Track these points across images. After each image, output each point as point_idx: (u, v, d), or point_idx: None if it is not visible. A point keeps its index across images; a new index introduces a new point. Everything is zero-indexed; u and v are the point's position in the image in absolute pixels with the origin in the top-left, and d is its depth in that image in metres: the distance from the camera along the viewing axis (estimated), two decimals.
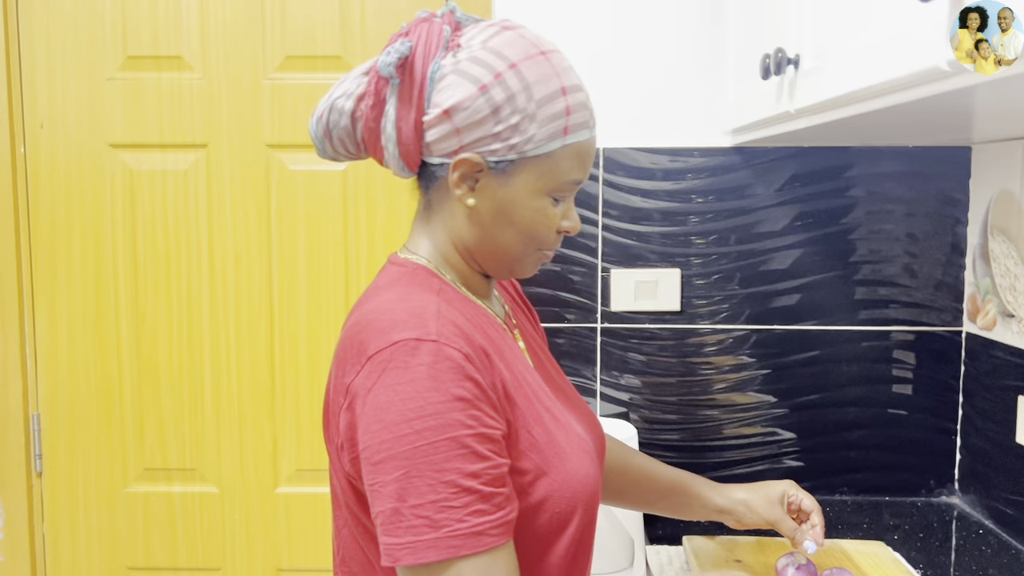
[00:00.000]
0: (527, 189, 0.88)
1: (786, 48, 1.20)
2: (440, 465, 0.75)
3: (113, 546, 1.84)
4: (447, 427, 0.76)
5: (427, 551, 0.75)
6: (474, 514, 0.76)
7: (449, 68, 0.86)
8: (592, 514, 0.91)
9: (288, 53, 1.75)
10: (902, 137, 1.56)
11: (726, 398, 1.72)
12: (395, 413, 0.76)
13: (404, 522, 0.75)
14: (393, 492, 0.76)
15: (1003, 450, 1.51)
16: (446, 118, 0.86)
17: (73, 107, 1.76)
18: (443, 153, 0.88)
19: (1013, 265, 1.48)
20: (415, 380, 0.77)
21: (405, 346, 0.78)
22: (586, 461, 0.90)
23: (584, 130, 0.89)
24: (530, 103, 0.85)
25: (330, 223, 1.78)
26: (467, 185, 0.88)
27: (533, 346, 1.03)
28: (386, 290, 0.88)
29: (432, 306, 0.82)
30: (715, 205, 1.69)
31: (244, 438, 1.82)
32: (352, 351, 0.82)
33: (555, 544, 0.87)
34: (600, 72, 1.68)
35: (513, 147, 0.86)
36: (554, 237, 0.93)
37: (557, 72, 0.88)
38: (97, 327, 1.80)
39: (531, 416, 0.87)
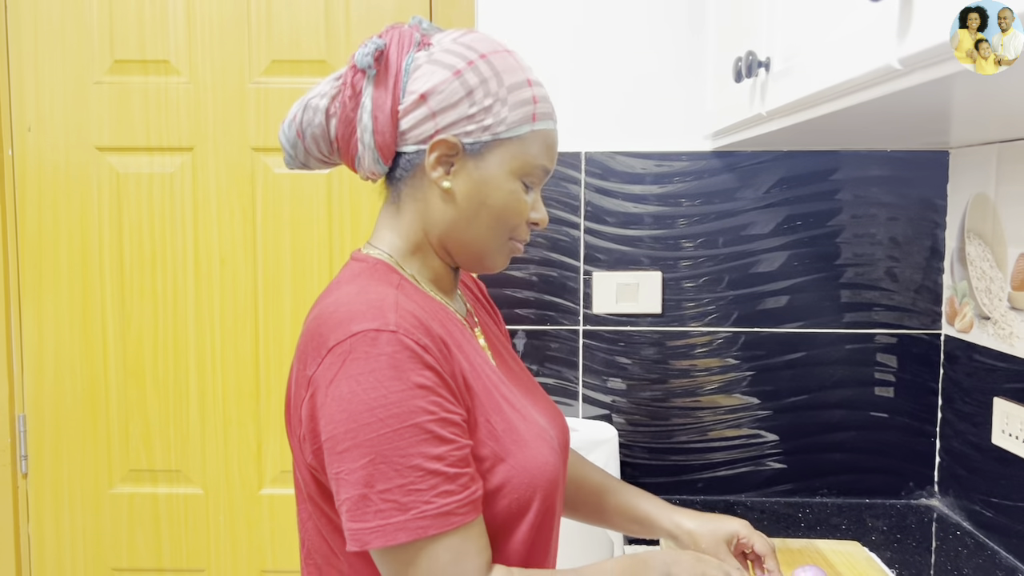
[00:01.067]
0: (500, 170, 0.92)
1: (757, 51, 1.21)
2: (405, 450, 0.78)
3: (98, 547, 1.85)
4: (409, 414, 0.78)
5: (397, 533, 0.77)
6: (441, 495, 0.79)
7: (423, 59, 0.92)
8: (551, 502, 0.92)
9: (274, 57, 1.77)
10: (881, 141, 1.57)
11: (710, 400, 1.73)
12: (358, 403, 0.78)
13: (372, 507, 0.78)
14: (360, 479, 0.78)
15: (980, 452, 1.52)
16: (422, 102, 0.90)
17: (60, 110, 1.78)
18: (418, 139, 0.91)
19: (988, 268, 1.49)
20: (376, 370, 0.79)
21: (365, 337, 0.80)
22: (545, 449, 0.92)
23: (548, 120, 0.95)
24: (501, 88, 0.91)
25: (315, 226, 1.79)
26: (443, 168, 0.92)
27: (495, 344, 1.05)
28: (346, 284, 0.90)
29: (390, 298, 0.85)
30: (701, 208, 1.70)
31: (229, 440, 1.82)
32: (313, 343, 0.84)
33: (515, 530, 0.89)
34: (583, 76, 1.70)
35: (487, 128, 0.90)
36: (524, 226, 0.96)
37: (522, 66, 0.94)
38: (83, 329, 1.81)
39: (490, 405, 0.89)
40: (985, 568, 1.38)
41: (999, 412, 1.45)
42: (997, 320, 1.47)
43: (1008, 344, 1.43)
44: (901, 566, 1.38)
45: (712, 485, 1.74)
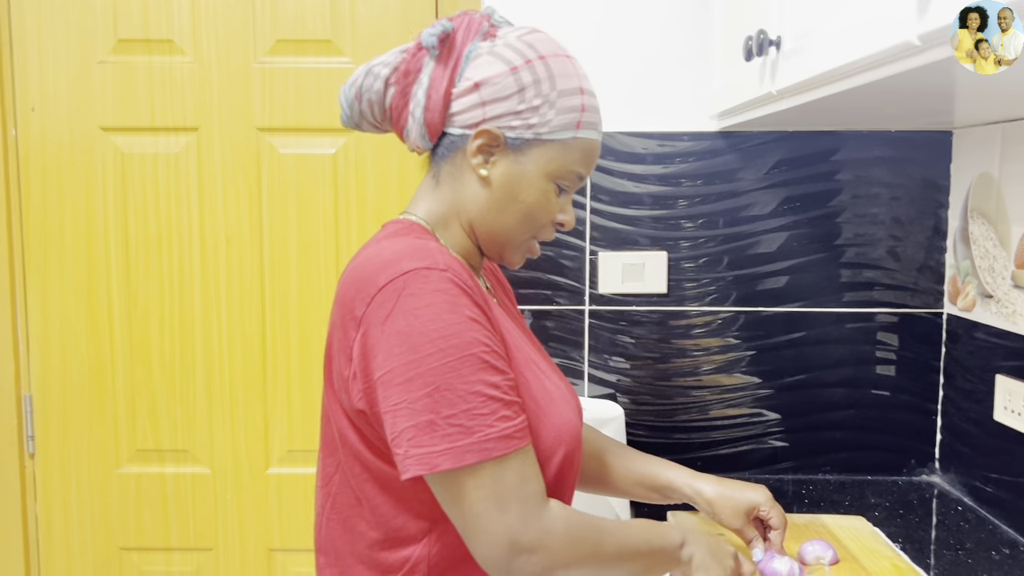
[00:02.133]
0: (536, 169, 0.95)
1: (768, 30, 1.22)
2: (467, 378, 0.83)
3: (106, 527, 1.86)
4: (468, 344, 0.83)
5: (465, 455, 0.82)
6: (501, 419, 0.84)
7: (485, 50, 0.95)
8: (572, 459, 0.96)
9: (279, 37, 1.76)
10: (885, 121, 1.58)
11: (712, 379, 1.75)
12: (417, 335, 0.82)
13: (439, 431, 0.82)
14: (425, 406, 0.82)
15: (982, 429, 1.54)
16: (475, 90, 0.94)
17: (64, 90, 1.77)
18: (465, 124, 0.95)
19: (992, 247, 1.51)
20: (432, 304, 0.83)
21: (417, 274, 0.84)
22: (568, 408, 0.96)
23: (593, 130, 0.97)
24: (552, 91, 0.94)
25: (320, 206, 1.79)
26: (483, 156, 0.95)
27: (516, 320, 1.09)
28: (385, 239, 0.94)
29: (434, 244, 0.89)
30: (703, 189, 1.71)
31: (236, 419, 1.83)
32: (359, 286, 0.87)
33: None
34: (589, 56, 1.70)
35: (531, 127, 0.94)
36: (549, 226, 1.00)
37: (579, 74, 0.97)
38: (89, 309, 1.81)
39: (520, 361, 0.93)
40: (986, 542, 1.41)
41: (1001, 389, 1.47)
42: (1000, 298, 1.49)
43: (1011, 322, 1.45)
44: (904, 541, 1.40)
45: (714, 463, 1.75)
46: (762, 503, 1.15)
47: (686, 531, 0.98)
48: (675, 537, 0.96)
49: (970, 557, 1.35)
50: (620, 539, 0.90)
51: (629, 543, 0.91)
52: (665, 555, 0.95)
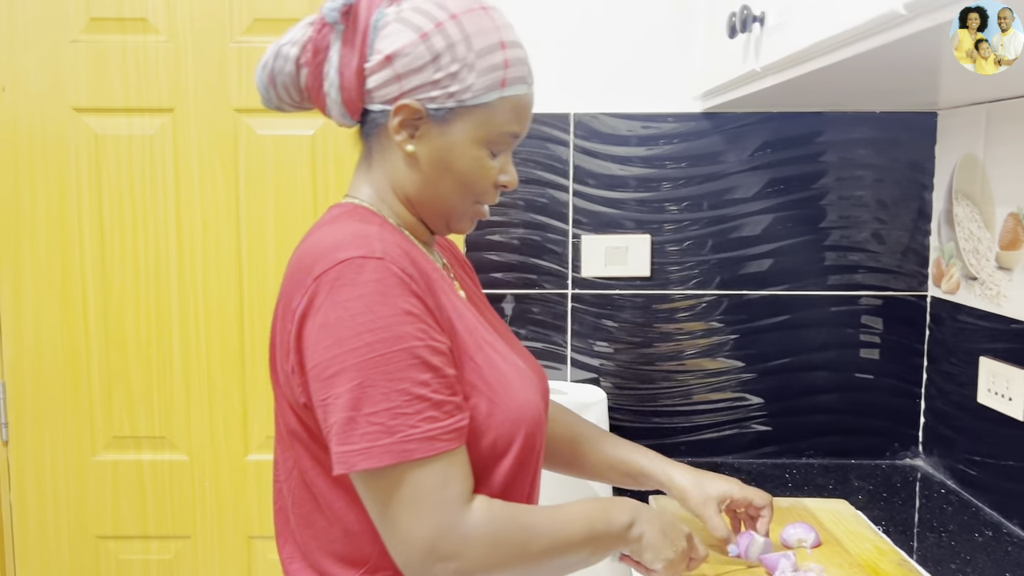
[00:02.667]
0: (465, 138, 0.90)
1: (752, 5, 1.20)
2: (392, 375, 0.79)
3: (82, 515, 1.83)
4: (398, 339, 0.79)
5: (383, 455, 0.78)
6: (426, 420, 0.79)
7: (392, 16, 0.89)
8: (533, 441, 0.93)
9: (256, 16, 1.73)
10: (870, 101, 1.57)
11: (696, 363, 1.73)
12: (345, 328, 0.79)
13: (359, 429, 0.78)
14: (347, 402, 0.79)
15: (965, 411, 1.54)
16: (387, 64, 0.88)
17: (35, 70, 1.73)
18: (384, 100, 0.90)
19: (976, 228, 1.50)
20: (364, 295, 0.79)
21: (351, 264, 0.81)
22: (527, 389, 0.93)
23: (521, 84, 0.92)
24: (469, 53, 0.88)
25: (299, 188, 1.77)
26: (407, 132, 0.91)
27: (474, 298, 1.05)
28: (327, 224, 0.90)
29: (374, 230, 0.85)
30: (687, 171, 1.70)
31: (214, 405, 1.81)
32: (297, 277, 0.84)
33: (497, 467, 0.89)
34: (572, 37, 1.68)
35: (452, 95, 0.88)
36: (491, 190, 0.95)
37: (497, 27, 0.90)
38: (63, 294, 1.78)
39: (472, 344, 0.90)
40: (968, 524, 1.40)
41: (985, 371, 1.46)
42: (984, 280, 1.48)
43: (995, 304, 1.44)
44: (887, 524, 1.39)
45: (697, 447, 1.74)
46: (733, 492, 1.14)
47: (637, 510, 0.94)
48: (622, 518, 0.93)
49: (952, 539, 1.34)
50: (554, 533, 0.87)
51: (563, 535, 0.87)
52: (611, 537, 0.92)
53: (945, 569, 1.23)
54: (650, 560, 0.95)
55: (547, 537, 0.86)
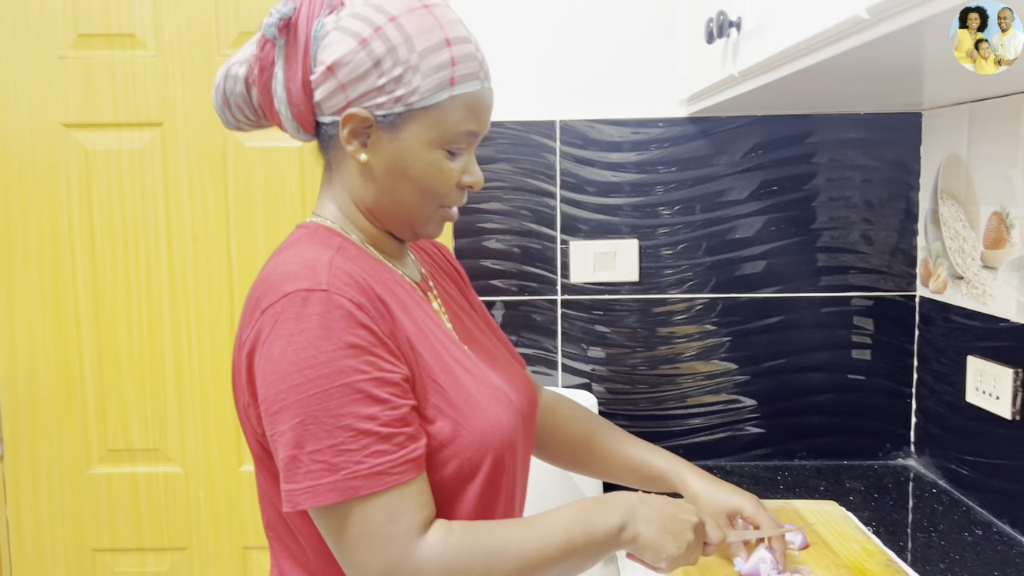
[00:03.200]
0: (418, 142, 0.88)
1: (728, 11, 1.20)
2: (335, 411, 0.77)
3: (78, 528, 1.84)
4: (339, 374, 0.78)
5: (327, 494, 0.77)
6: (373, 455, 0.78)
7: (331, 25, 0.87)
8: (504, 462, 0.91)
9: (242, 29, 1.74)
10: (854, 103, 1.58)
11: (689, 367, 1.74)
12: (287, 364, 0.78)
13: (302, 468, 0.77)
14: (290, 440, 0.78)
15: (955, 411, 1.54)
16: (330, 75, 0.87)
17: (24, 86, 1.74)
18: (333, 111, 0.89)
19: (961, 228, 1.50)
20: (306, 330, 0.78)
21: (296, 297, 0.80)
22: (498, 409, 0.90)
23: (473, 81, 0.89)
24: (412, 54, 0.86)
25: (288, 200, 1.77)
26: (359, 141, 0.89)
27: (454, 309, 1.03)
28: (286, 249, 0.89)
29: (325, 258, 0.83)
30: (678, 175, 1.70)
31: (207, 417, 1.81)
32: (249, 307, 0.84)
33: (465, 490, 0.88)
34: (555, 44, 1.69)
35: (398, 99, 0.86)
36: (455, 192, 0.93)
37: (440, 24, 0.88)
38: (55, 309, 1.79)
39: (437, 366, 0.88)
40: (960, 523, 1.40)
41: (973, 370, 1.46)
42: (970, 279, 1.48)
43: (981, 303, 1.45)
44: (878, 524, 1.39)
45: (692, 451, 1.75)
46: (746, 508, 1.09)
47: (630, 510, 0.89)
48: (611, 520, 0.88)
49: (943, 539, 1.34)
50: (524, 551, 0.83)
51: (535, 553, 0.83)
52: (596, 544, 0.87)
53: (935, 568, 1.23)
54: (652, 559, 0.91)
55: (515, 558, 0.82)
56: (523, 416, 0.96)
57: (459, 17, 0.91)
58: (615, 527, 0.88)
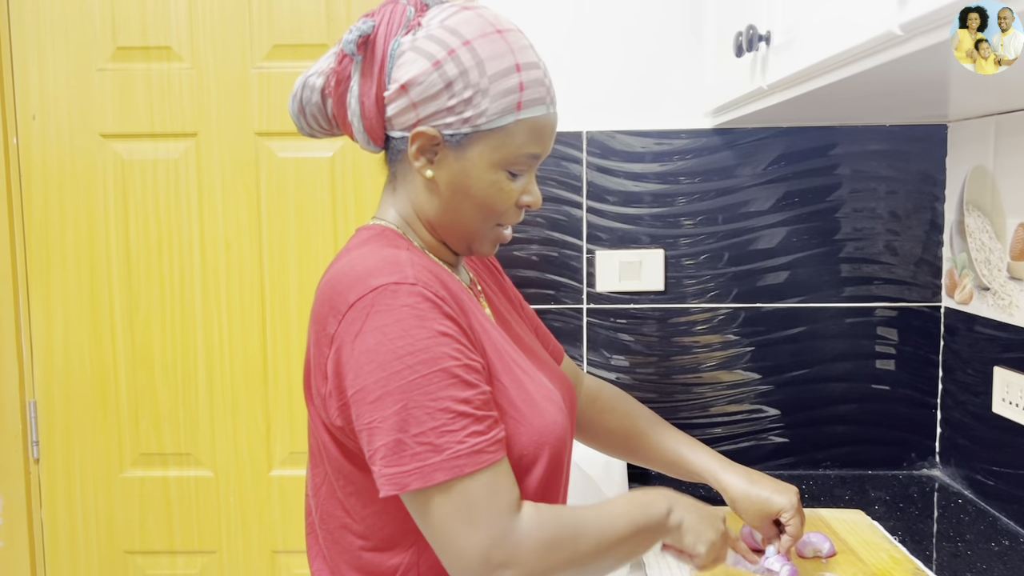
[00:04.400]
0: (482, 162, 0.92)
1: (757, 25, 1.22)
2: (435, 394, 0.81)
3: (110, 530, 1.87)
4: (436, 360, 0.82)
5: (434, 473, 0.80)
6: (472, 435, 0.82)
7: (407, 46, 0.91)
8: (559, 459, 0.95)
9: (275, 42, 1.78)
10: (880, 115, 1.59)
11: (712, 376, 1.75)
12: (385, 352, 0.81)
13: (408, 451, 0.81)
14: (393, 425, 0.81)
15: (981, 421, 1.54)
16: (403, 93, 0.91)
17: (64, 98, 1.79)
18: (403, 127, 0.92)
19: (988, 239, 1.51)
20: (400, 320, 0.82)
21: (385, 290, 0.83)
22: (552, 409, 0.95)
23: (539, 106, 0.93)
24: (483, 78, 0.89)
25: (319, 209, 1.81)
26: (426, 158, 0.93)
27: (501, 311, 1.07)
28: (356, 248, 0.93)
29: (404, 255, 0.88)
30: (702, 186, 1.72)
31: (238, 422, 1.84)
32: (331, 303, 0.87)
33: (523, 483, 0.91)
34: (583, 56, 1.71)
35: (467, 120, 0.90)
36: (513, 211, 0.97)
37: (512, 50, 0.91)
38: (91, 315, 1.83)
39: (500, 366, 0.92)
40: (986, 534, 1.41)
41: (999, 381, 1.47)
42: (996, 291, 1.49)
43: (1008, 314, 1.45)
44: (904, 534, 1.40)
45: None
46: (786, 509, 1.12)
47: (673, 498, 0.96)
48: (661, 507, 0.94)
49: (970, 549, 1.35)
50: (600, 530, 0.88)
51: (610, 531, 0.89)
52: (653, 528, 0.93)
53: None
54: (692, 543, 0.95)
55: (594, 536, 0.87)
56: (569, 415, 1.01)
57: (530, 43, 0.95)
58: (664, 512, 0.94)
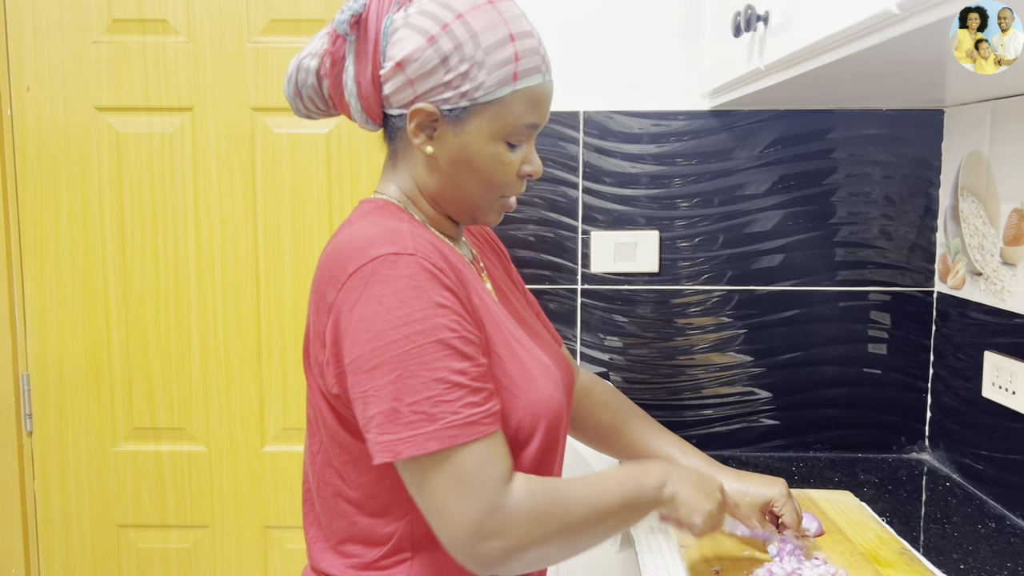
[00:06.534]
0: (481, 135, 0.92)
1: (756, 5, 1.22)
2: (430, 365, 0.82)
3: (103, 504, 1.88)
4: (433, 331, 0.82)
5: (428, 442, 0.81)
6: (467, 406, 0.82)
7: (400, 22, 0.91)
8: (554, 434, 0.96)
9: (272, 17, 1.77)
10: (877, 99, 1.59)
11: (705, 358, 1.76)
12: (382, 322, 0.82)
13: (402, 419, 0.81)
14: (389, 394, 0.81)
15: (971, 405, 1.55)
16: (399, 70, 0.90)
17: (59, 70, 1.78)
18: (401, 104, 0.93)
19: (981, 224, 1.52)
20: (399, 291, 0.82)
21: (385, 260, 0.83)
22: (549, 384, 0.95)
23: (535, 75, 0.93)
24: (477, 51, 0.89)
25: (314, 185, 1.80)
26: (425, 134, 0.93)
27: (502, 288, 1.08)
28: (359, 220, 0.93)
29: (405, 226, 0.88)
30: (698, 168, 1.72)
31: (231, 398, 1.85)
32: (332, 272, 0.87)
33: (520, 456, 0.92)
34: (581, 35, 1.70)
35: (464, 94, 0.90)
36: (515, 182, 0.97)
37: (505, 20, 0.91)
38: (85, 288, 1.82)
39: (497, 339, 0.93)
40: (973, 517, 1.42)
41: (989, 365, 1.48)
42: (989, 276, 1.49)
43: (999, 299, 1.46)
44: (892, 515, 1.41)
45: (706, 440, 1.77)
46: (776, 498, 1.14)
47: (668, 470, 0.96)
48: (654, 479, 0.95)
49: (956, 531, 1.36)
50: (590, 503, 0.89)
51: (600, 504, 0.89)
52: (645, 501, 0.94)
53: (948, 559, 1.25)
54: (687, 515, 0.97)
55: (585, 507, 0.88)
56: (566, 391, 1.01)
57: (522, 11, 0.94)
58: (657, 485, 0.95)
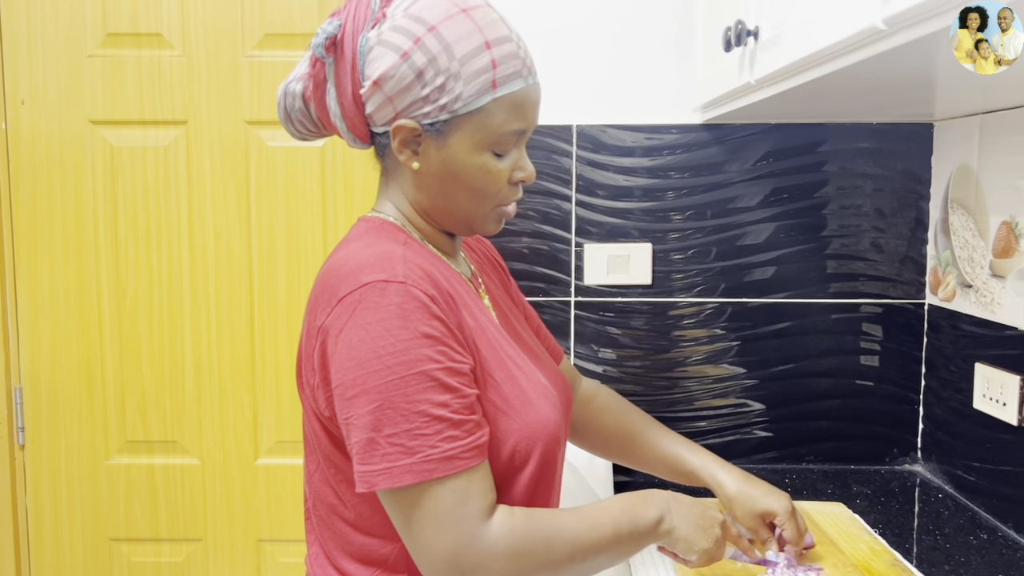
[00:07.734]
0: (465, 146, 0.91)
1: (746, 20, 1.23)
2: (411, 397, 0.81)
3: (95, 517, 1.87)
4: (416, 362, 0.81)
5: (403, 475, 0.81)
6: (446, 440, 0.81)
7: (375, 40, 0.90)
8: (552, 455, 0.95)
9: (267, 31, 1.77)
10: (867, 113, 1.60)
11: (698, 370, 1.76)
12: (366, 350, 0.81)
13: (380, 450, 0.81)
14: (368, 423, 0.81)
15: (962, 417, 1.56)
16: (377, 88, 0.90)
17: (54, 83, 1.78)
18: (384, 122, 0.92)
19: (971, 237, 1.53)
20: (384, 319, 0.82)
21: (374, 288, 0.83)
22: (546, 406, 0.94)
23: (516, 80, 0.91)
24: (452, 62, 0.88)
25: (309, 199, 1.81)
26: (409, 150, 0.92)
27: (500, 305, 1.07)
28: (355, 240, 0.92)
29: (398, 252, 0.87)
30: (691, 181, 1.73)
31: (224, 411, 1.84)
32: (324, 295, 0.87)
33: (516, 479, 0.92)
34: (574, 49, 1.72)
35: (443, 107, 0.89)
36: (508, 190, 0.96)
37: (479, 27, 0.90)
38: (79, 301, 1.82)
39: (494, 361, 0.92)
40: (965, 528, 1.42)
41: (980, 377, 1.48)
42: (979, 288, 1.50)
43: (989, 311, 1.47)
44: (884, 527, 1.42)
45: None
46: (779, 514, 1.13)
47: (667, 504, 0.95)
48: (651, 514, 0.93)
49: (948, 542, 1.36)
50: (578, 537, 0.87)
51: (588, 539, 0.88)
52: (639, 535, 0.92)
53: (940, 570, 1.26)
54: (684, 551, 0.96)
55: (570, 543, 0.87)
56: (564, 412, 1.01)
57: (500, 16, 0.93)
58: (654, 519, 0.94)
